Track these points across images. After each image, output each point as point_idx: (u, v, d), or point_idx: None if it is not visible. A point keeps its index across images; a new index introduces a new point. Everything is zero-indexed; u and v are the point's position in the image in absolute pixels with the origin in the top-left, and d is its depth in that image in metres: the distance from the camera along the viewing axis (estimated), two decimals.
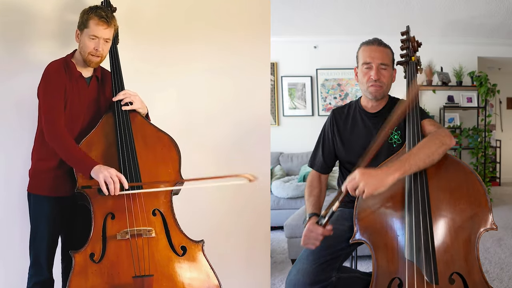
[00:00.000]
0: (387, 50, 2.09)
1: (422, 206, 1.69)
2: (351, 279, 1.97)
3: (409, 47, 2.21)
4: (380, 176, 1.67)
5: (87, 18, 2.07)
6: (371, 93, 2.06)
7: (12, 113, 2.44)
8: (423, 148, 1.77)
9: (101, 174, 1.92)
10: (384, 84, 2.05)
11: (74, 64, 2.13)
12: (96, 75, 2.19)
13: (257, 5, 2.82)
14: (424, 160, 1.73)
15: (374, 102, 2.10)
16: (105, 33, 2.08)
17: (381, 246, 1.73)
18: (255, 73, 2.82)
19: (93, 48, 2.07)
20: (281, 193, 5.21)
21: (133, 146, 2.11)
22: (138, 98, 2.20)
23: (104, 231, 1.98)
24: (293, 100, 6.67)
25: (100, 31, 2.07)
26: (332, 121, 2.21)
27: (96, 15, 2.06)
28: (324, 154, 2.23)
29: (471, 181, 1.75)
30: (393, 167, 1.70)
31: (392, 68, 2.11)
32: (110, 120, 2.15)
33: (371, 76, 2.03)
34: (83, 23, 2.08)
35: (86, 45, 2.08)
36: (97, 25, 2.06)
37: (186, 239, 2.07)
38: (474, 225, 1.68)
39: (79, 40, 2.11)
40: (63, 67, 2.09)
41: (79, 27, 2.11)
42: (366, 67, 2.06)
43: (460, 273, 1.62)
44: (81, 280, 1.89)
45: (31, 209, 2.14)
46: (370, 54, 2.06)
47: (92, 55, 2.08)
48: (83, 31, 2.08)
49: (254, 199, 2.82)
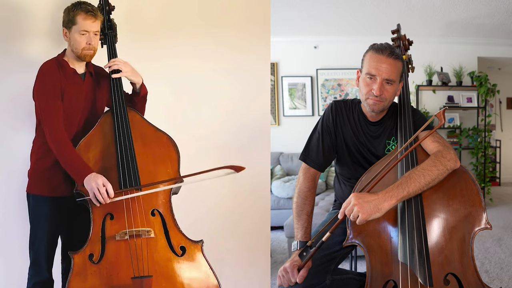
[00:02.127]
0: (397, 63, 1.86)
1: (415, 207, 1.67)
2: (345, 281, 1.94)
3: (400, 46, 2.19)
4: (375, 202, 1.60)
5: (74, 15, 2.07)
6: (369, 105, 1.91)
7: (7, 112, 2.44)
8: (424, 174, 1.67)
9: (89, 186, 1.92)
10: (385, 99, 1.88)
11: (67, 62, 2.14)
12: (89, 70, 2.20)
13: (257, 5, 2.82)
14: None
15: (373, 113, 1.97)
16: (94, 26, 2.10)
17: (375, 249, 1.71)
18: (255, 73, 2.82)
19: (85, 43, 2.09)
20: (281, 193, 5.22)
21: (132, 146, 2.11)
22: (128, 65, 2.20)
23: (103, 231, 1.98)
24: (293, 100, 6.66)
25: (89, 25, 2.08)
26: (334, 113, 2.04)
27: (82, 10, 2.07)
28: (325, 148, 2.04)
29: (464, 180, 1.73)
30: (390, 193, 1.62)
31: (399, 81, 1.93)
32: (108, 120, 2.15)
33: (372, 89, 1.85)
34: (70, 20, 2.08)
35: (77, 41, 2.09)
36: (85, 19, 2.07)
37: (185, 239, 2.07)
38: (468, 225, 1.67)
39: (69, 38, 2.11)
40: (56, 66, 2.10)
41: (66, 25, 2.11)
42: (369, 77, 1.86)
43: (455, 274, 1.61)
44: (80, 281, 1.89)
45: (30, 210, 2.14)
46: (377, 65, 1.84)
47: (86, 49, 2.10)
48: (72, 29, 2.09)
49: (254, 199, 2.82)
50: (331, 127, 2.04)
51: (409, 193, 1.65)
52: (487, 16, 5.49)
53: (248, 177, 2.79)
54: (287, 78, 6.63)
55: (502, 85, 7.46)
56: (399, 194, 1.63)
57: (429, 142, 1.81)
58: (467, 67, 6.46)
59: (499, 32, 6.13)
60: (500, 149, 8.31)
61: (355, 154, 2.04)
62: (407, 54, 2.18)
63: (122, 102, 2.16)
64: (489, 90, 6.38)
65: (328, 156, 2.06)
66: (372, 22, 5.63)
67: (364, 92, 1.90)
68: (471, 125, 6.57)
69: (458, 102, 6.55)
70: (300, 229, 1.90)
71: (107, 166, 2.07)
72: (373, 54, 1.86)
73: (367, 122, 2.02)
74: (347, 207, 1.62)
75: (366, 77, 1.87)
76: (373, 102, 1.88)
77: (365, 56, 1.91)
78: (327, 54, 6.54)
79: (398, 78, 1.89)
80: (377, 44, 1.90)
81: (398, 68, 1.87)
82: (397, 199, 1.63)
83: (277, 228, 4.97)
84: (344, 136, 2.04)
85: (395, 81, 1.87)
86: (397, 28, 2.23)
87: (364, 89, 1.89)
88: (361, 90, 1.92)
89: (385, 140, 2.00)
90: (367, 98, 1.89)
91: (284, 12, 5.30)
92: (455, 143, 6.40)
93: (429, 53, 6.08)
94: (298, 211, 1.95)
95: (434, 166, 1.69)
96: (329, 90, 6.64)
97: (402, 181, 1.66)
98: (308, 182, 2.02)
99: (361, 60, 1.94)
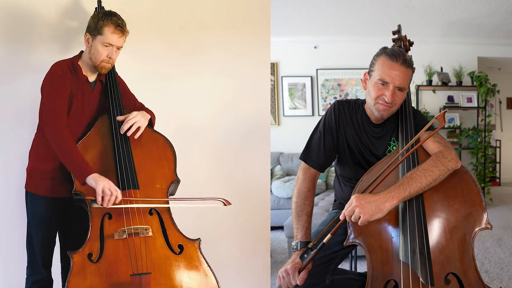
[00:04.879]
0: (409, 71, 1.87)
1: (417, 207, 1.67)
2: (345, 281, 1.94)
3: (401, 46, 2.19)
4: (377, 202, 1.60)
5: (102, 25, 2.01)
6: (379, 111, 1.90)
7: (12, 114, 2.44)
8: (425, 174, 1.67)
9: (101, 183, 1.89)
10: (395, 105, 1.89)
11: (81, 67, 2.10)
12: (100, 79, 2.18)
13: (257, 5, 2.82)
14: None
15: (379, 117, 1.96)
16: (120, 41, 2.05)
17: (376, 249, 1.70)
18: (255, 73, 2.82)
19: (106, 56, 2.04)
20: (281, 193, 5.22)
21: (129, 147, 2.11)
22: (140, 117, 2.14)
23: (102, 231, 1.99)
24: (293, 100, 6.67)
25: (115, 39, 2.03)
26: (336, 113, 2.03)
27: (112, 23, 2.01)
28: (326, 148, 2.03)
29: (465, 180, 1.73)
30: (392, 193, 1.62)
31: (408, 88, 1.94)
32: (105, 122, 2.15)
33: (384, 96, 1.85)
34: (97, 29, 2.02)
35: (99, 52, 2.03)
36: (113, 33, 2.02)
37: (182, 237, 2.07)
38: (469, 225, 1.67)
39: (90, 45, 2.06)
40: (69, 70, 2.05)
41: (91, 32, 2.04)
42: (382, 83, 1.86)
43: (456, 274, 1.61)
44: (80, 280, 1.89)
45: (28, 208, 2.14)
46: (390, 73, 1.84)
47: (105, 62, 2.06)
48: (96, 38, 2.03)
49: (254, 199, 2.82)
50: (333, 127, 2.03)
51: (411, 193, 1.65)
52: (487, 16, 5.49)
53: (248, 177, 2.81)
54: (287, 78, 6.63)
55: (502, 85, 7.46)
56: (400, 194, 1.63)
57: (430, 143, 1.81)
58: (467, 67, 6.47)
59: (499, 32, 6.14)
60: (500, 149, 8.31)
61: (356, 155, 2.04)
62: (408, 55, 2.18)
63: (119, 104, 2.16)
64: (489, 90, 6.39)
65: (329, 156, 2.05)
66: (372, 22, 5.64)
67: (374, 96, 1.89)
68: (471, 125, 6.57)
69: (458, 102, 6.55)
70: (300, 229, 1.90)
71: (105, 168, 2.07)
72: (387, 61, 1.85)
73: (370, 124, 2.02)
74: (348, 208, 1.61)
75: (378, 82, 1.86)
76: (383, 108, 1.88)
77: (377, 60, 1.89)
78: (327, 54, 6.54)
79: (408, 85, 1.91)
80: (390, 49, 1.89)
81: (409, 76, 1.89)
82: (399, 199, 1.63)
83: (277, 228, 4.97)
84: (346, 137, 2.04)
85: (405, 89, 1.89)
86: (398, 29, 2.23)
87: (374, 93, 1.88)
88: (370, 94, 1.91)
89: (387, 141, 2.00)
90: (377, 102, 1.89)
91: (284, 12, 5.30)
92: (455, 143, 6.41)
93: (429, 53, 6.08)
94: (298, 211, 1.94)
95: (435, 167, 1.69)
96: (329, 90, 6.64)
97: (404, 181, 1.66)
98: (308, 182, 2.01)
99: (371, 62, 1.92)
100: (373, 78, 1.89)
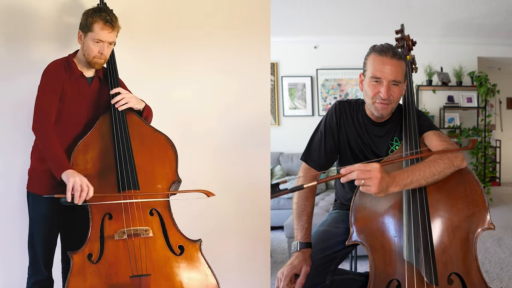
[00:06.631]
0: (401, 63, 1.83)
1: (420, 207, 1.67)
2: (345, 281, 1.93)
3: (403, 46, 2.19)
4: (388, 182, 1.55)
5: (91, 21, 2.03)
6: (377, 110, 1.88)
7: (11, 113, 2.44)
8: (429, 165, 1.65)
9: (72, 178, 1.87)
10: (393, 101, 1.86)
11: (75, 63, 2.12)
12: (98, 75, 2.18)
13: (257, 5, 2.81)
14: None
15: (379, 116, 1.94)
16: (110, 36, 2.06)
17: (378, 248, 1.70)
18: (255, 73, 2.82)
19: (97, 52, 2.06)
20: None
21: (130, 147, 2.10)
22: (132, 97, 2.17)
23: (102, 231, 1.98)
24: (293, 100, 6.66)
25: (105, 35, 2.04)
26: (337, 113, 2.02)
27: (101, 19, 2.03)
28: (327, 148, 2.02)
29: (468, 181, 1.73)
30: (397, 178, 1.59)
31: (404, 81, 1.90)
32: (106, 121, 2.14)
33: (379, 93, 1.83)
34: (87, 26, 2.04)
35: (90, 48, 2.05)
36: (102, 29, 2.03)
37: (183, 238, 2.06)
38: (472, 225, 1.67)
39: (82, 42, 2.08)
40: (63, 66, 2.08)
41: (83, 29, 2.07)
42: (375, 80, 1.83)
43: (459, 274, 1.61)
44: (80, 280, 1.88)
45: (30, 208, 2.14)
46: (382, 68, 1.81)
47: (96, 58, 2.07)
48: (87, 34, 2.05)
49: (254, 199, 2.81)
50: (334, 128, 2.02)
51: (412, 181, 1.62)
52: (487, 16, 5.49)
53: (248, 177, 2.81)
54: (287, 78, 6.63)
55: (502, 85, 7.46)
56: (402, 180, 1.60)
57: (436, 142, 1.80)
58: (467, 67, 6.46)
59: (499, 32, 6.13)
60: (500, 149, 8.30)
61: (358, 155, 2.03)
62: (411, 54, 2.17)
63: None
64: (489, 90, 6.38)
65: (330, 157, 2.04)
66: (373, 22, 5.64)
67: (370, 96, 1.86)
68: (471, 125, 6.57)
69: (458, 102, 6.55)
70: (301, 230, 1.89)
71: (106, 167, 2.07)
72: (376, 57, 1.83)
73: (371, 123, 2.01)
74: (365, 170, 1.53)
75: (371, 80, 1.84)
76: (381, 107, 1.86)
77: (367, 58, 1.88)
78: (327, 54, 6.54)
79: (403, 78, 1.87)
80: (378, 46, 1.87)
81: (403, 68, 1.84)
82: (400, 187, 1.60)
83: (277, 228, 4.96)
84: (348, 137, 2.03)
85: (401, 82, 1.85)
86: (401, 28, 2.23)
87: (370, 93, 1.86)
88: (367, 94, 1.88)
89: (389, 140, 1.99)
90: (374, 101, 1.86)
91: (284, 11, 5.30)
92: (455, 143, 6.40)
93: (429, 53, 6.08)
94: (298, 212, 1.94)
95: (440, 160, 1.67)
96: (329, 90, 6.64)
97: (408, 169, 1.64)
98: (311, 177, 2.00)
99: (363, 63, 1.90)
100: (367, 77, 1.87)
